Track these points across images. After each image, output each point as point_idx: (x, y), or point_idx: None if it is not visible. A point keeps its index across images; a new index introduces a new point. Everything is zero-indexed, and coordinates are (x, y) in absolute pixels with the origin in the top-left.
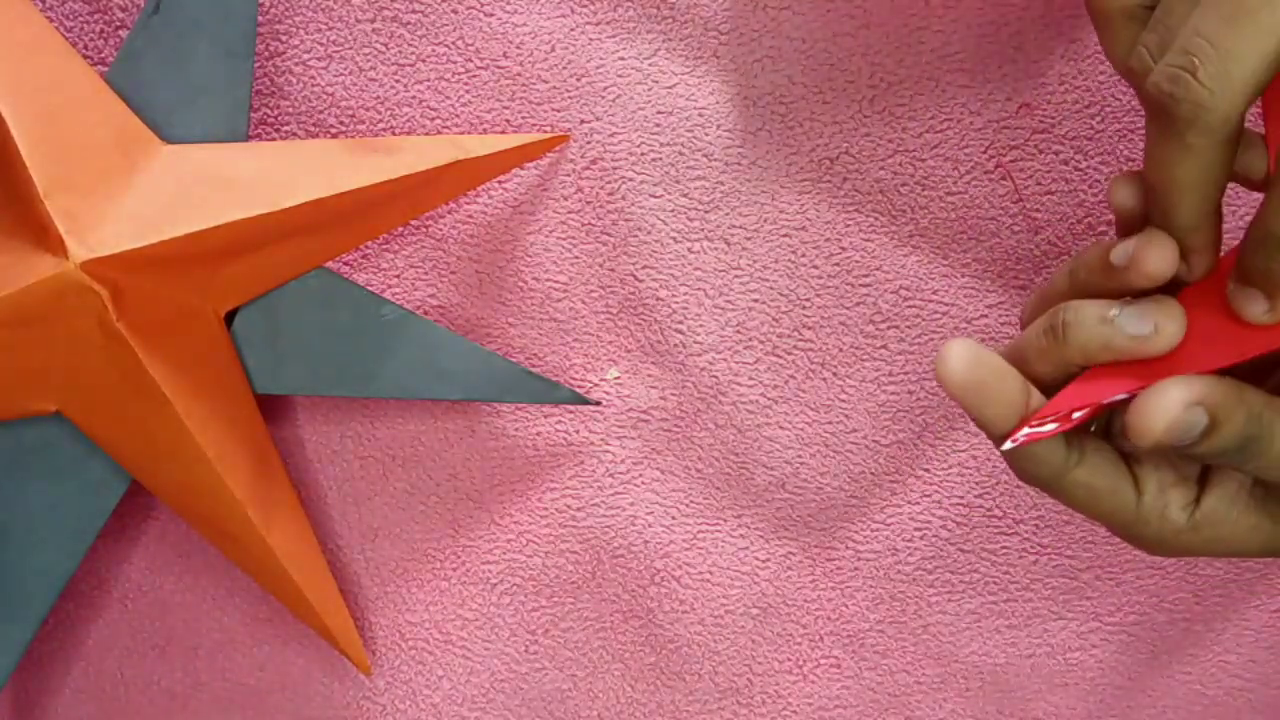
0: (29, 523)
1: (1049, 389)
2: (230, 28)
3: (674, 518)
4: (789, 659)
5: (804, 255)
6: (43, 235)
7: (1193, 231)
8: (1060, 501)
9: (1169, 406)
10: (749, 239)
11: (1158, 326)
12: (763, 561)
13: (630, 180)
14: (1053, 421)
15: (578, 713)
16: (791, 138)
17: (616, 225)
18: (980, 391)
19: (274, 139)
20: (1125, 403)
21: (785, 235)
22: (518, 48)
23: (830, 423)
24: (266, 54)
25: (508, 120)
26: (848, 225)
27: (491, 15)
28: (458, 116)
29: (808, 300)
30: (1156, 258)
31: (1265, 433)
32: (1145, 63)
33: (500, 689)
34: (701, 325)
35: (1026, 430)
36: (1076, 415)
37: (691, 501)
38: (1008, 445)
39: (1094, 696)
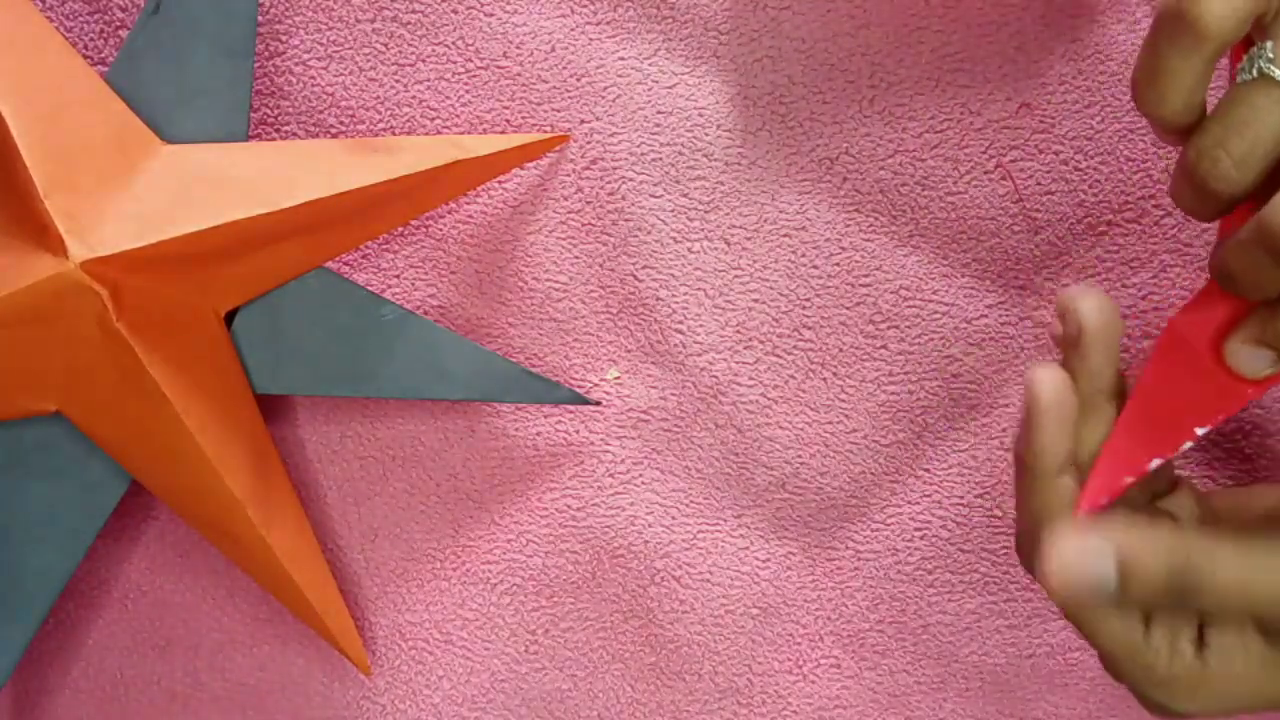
0: (29, 523)
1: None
2: (230, 28)
3: (674, 518)
4: (789, 659)
5: (804, 255)
6: (43, 235)
7: None
8: (1069, 618)
9: (1070, 563)
10: (749, 239)
11: None
12: (763, 561)
13: (630, 180)
14: (1105, 496)
15: (578, 713)
16: (791, 138)
17: (616, 225)
18: (1059, 415)
19: (274, 139)
20: (1160, 469)
21: (785, 235)
22: (518, 48)
23: (830, 423)
24: (266, 54)
25: (508, 120)
26: (848, 225)
27: (491, 15)
28: (458, 116)
29: (808, 300)
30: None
31: (1197, 585)
32: (1224, 171)
33: (500, 689)
34: (701, 325)
35: (1086, 500)
36: (1128, 480)
37: (691, 501)
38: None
39: (1094, 696)
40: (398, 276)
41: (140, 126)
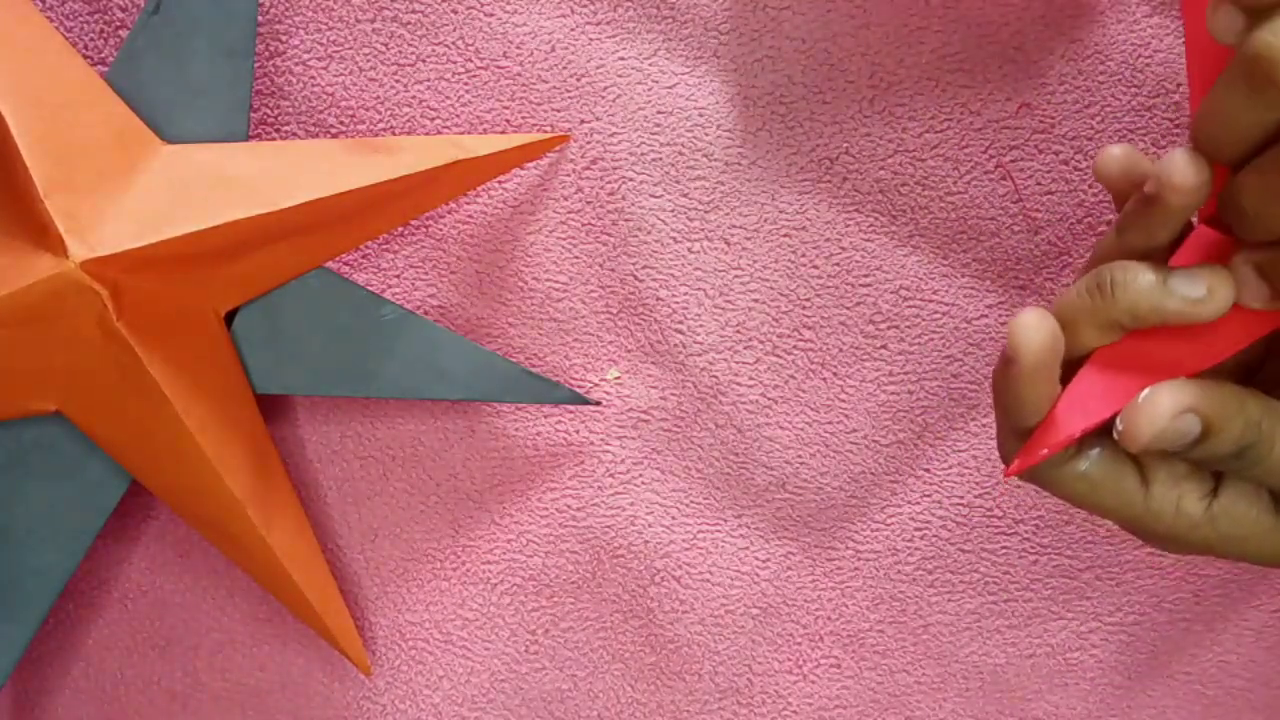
0: (29, 523)
1: (1080, 360)
2: (230, 28)
3: (674, 518)
4: (789, 659)
5: (804, 255)
6: (43, 235)
7: None
8: (1058, 497)
9: (1158, 414)
10: (749, 239)
11: (1211, 290)
12: (763, 561)
13: (630, 180)
14: (1046, 449)
15: (578, 713)
16: (791, 138)
17: (616, 225)
18: (1047, 369)
19: (274, 139)
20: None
21: (785, 235)
22: (518, 48)
23: (830, 423)
24: (266, 54)
25: (508, 120)
26: (848, 225)
27: (491, 15)
28: (458, 116)
29: (808, 300)
30: (1183, 167)
31: (1264, 439)
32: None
33: (500, 689)
34: (701, 325)
35: (1018, 461)
36: (1078, 432)
37: (691, 501)
38: (1011, 474)
39: (1094, 696)
40: (398, 276)
41: (140, 126)
